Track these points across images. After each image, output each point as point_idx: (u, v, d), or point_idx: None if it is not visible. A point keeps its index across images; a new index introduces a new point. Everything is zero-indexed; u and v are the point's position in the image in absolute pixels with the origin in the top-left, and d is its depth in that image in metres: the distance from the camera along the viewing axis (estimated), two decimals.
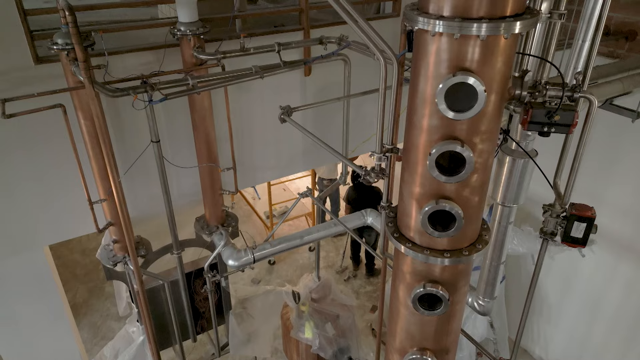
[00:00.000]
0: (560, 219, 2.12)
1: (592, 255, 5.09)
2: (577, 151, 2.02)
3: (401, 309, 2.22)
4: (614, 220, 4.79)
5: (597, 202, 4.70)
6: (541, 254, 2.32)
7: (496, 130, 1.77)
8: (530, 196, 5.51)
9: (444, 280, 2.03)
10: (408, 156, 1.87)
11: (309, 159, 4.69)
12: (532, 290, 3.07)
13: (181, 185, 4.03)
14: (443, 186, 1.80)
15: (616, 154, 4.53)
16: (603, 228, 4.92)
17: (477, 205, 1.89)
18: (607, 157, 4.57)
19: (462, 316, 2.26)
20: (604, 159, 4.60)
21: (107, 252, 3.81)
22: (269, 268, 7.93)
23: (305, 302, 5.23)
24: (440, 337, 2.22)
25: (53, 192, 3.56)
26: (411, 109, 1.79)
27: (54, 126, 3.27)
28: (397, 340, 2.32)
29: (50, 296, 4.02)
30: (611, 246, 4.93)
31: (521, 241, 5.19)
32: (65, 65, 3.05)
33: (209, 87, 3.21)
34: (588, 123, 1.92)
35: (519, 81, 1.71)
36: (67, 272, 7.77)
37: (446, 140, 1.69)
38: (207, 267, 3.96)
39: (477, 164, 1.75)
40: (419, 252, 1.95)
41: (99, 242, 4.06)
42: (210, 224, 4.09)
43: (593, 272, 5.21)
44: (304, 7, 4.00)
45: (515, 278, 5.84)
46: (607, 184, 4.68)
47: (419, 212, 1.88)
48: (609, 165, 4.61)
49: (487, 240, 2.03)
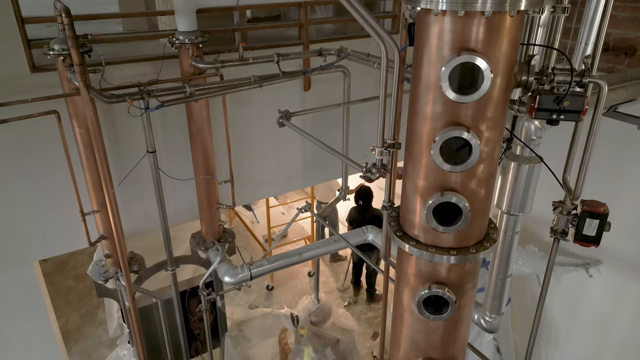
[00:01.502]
0: (572, 216, 2.02)
1: (599, 275, 4.97)
2: (588, 142, 1.95)
3: (405, 316, 2.10)
4: (620, 237, 4.67)
5: None
6: (551, 258, 2.20)
7: (502, 118, 1.69)
8: (533, 216, 5.41)
9: (450, 281, 1.92)
10: (412, 148, 1.80)
11: (308, 175, 4.62)
12: (539, 311, 2.94)
13: (177, 200, 3.94)
14: (448, 177, 1.72)
15: (621, 165, 4.43)
16: (609, 247, 4.82)
17: (484, 200, 1.80)
18: (611, 169, 4.48)
19: (469, 323, 2.13)
20: (609, 171, 4.50)
21: (99, 268, 3.68)
22: (267, 294, 7.73)
23: (304, 326, 5.05)
24: (447, 346, 2.08)
25: (44, 203, 3.47)
26: (414, 98, 1.72)
27: (46, 135, 3.22)
28: (401, 351, 2.19)
29: (39, 316, 3.86)
30: (618, 265, 4.79)
31: (526, 261, 5.07)
32: (61, 71, 3.01)
33: (207, 94, 3.17)
34: (598, 110, 1.85)
35: (525, 67, 1.65)
36: (59, 297, 7.57)
37: (451, 126, 1.61)
38: (202, 285, 3.82)
39: (483, 153, 1.67)
40: (423, 250, 1.85)
41: None
42: (207, 239, 3.98)
43: (601, 293, 5.05)
44: (304, 22, 4.01)
45: (520, 301, 5.67)
46: (612, 198, 4.57)
47: (423, 206, 1.79)
48: (613, 178, 4.50)
49: (495, 239, 1.92)
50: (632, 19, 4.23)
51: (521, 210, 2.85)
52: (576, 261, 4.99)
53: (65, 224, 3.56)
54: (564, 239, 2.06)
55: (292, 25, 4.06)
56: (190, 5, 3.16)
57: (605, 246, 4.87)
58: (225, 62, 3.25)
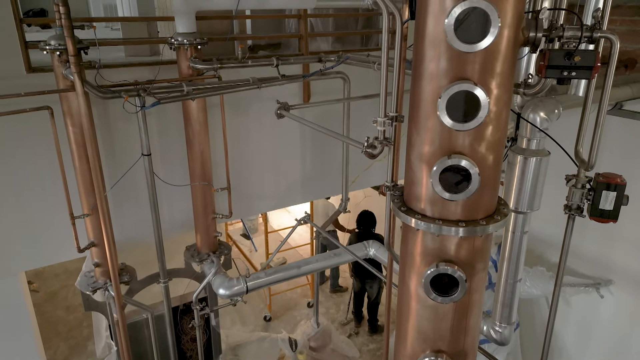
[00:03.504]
0: (586, 190, 1.90)
1: (610, 296, 4.76)
2: (602, 101, 1.85)
3: (412, 304, 1.94)
4: (630, 255, 4.51)
5: (610, 236, 4.51)
6: (566, 239, 2.05)
7: (510, 77, 1.61)
8: (541, 237, 5.26)
9: (459, 259, 1.78)
10: (416, 114, 1.70)
11: (308, 190, 4.51)
12: (548, 335, 2.76)
13: (172, 210, 3.82)
14: (455, 140, 1.62)
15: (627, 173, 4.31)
16: (619, 265, 4.64)
17: (493, 167, 1.69)
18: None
19: (480, 312, 1.97)
20: None
21: (87, 279, 3.51)
22: (265, 325, 7.44)
23: (302, 351, 4.81)
24: (457, 337, 1.92)
25: (32, 210, 3.34)
26: (418, 58, 1.65)
27: (38, 134, 3.14)
28: (407, 344, 2.01)
29: (24, 333, 3.65)
30: (629, 285, 4.60)
31: (534, 282, 4.88)
32: (57, 68, 2.97)
33: (204, 93, 3.11)
34: (611, 67, 1.77)
35: (533, 22, 1.59)
36: (49, 328, 7.29)
37: (458, 81, 1.53)
38: (196, 298, 3.64)
39: (491, 113, 1.58)
40: (430, 223, 1.72)
41: None
42: (202, 251, 3.82)
43: (613, 315, 4.83)
44: (304, 33, 4.02)
45: (529, 326, 5.43)
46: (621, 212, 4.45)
47: (429, 175, 1.68)
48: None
49: (506, 213, 1.80)
50: (631, 32, 4.25)
51: (530, 207, 2.73)
52: (586, 281, 4.80)
53: (54, 233, 3.42)
54: (580, 215, 1.94)
55: (293, 36, 4.07)
56: (190, 7, 3.16)
57: (615, 264, 4.72)
58: (224, 63, 3.22)
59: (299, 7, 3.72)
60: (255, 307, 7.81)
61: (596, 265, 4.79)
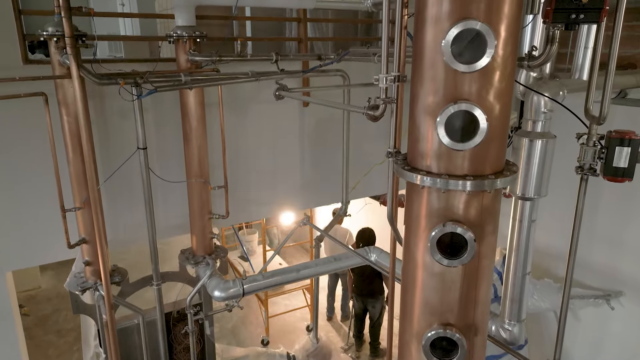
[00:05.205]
0: (599, 148, 1.81)
1: (620, 308, 4.58)
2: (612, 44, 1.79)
3: (417, 273, 1.82)
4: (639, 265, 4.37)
5: (617, 247, 4.38)
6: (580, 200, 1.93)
7: (517, 20, 1.56)
8: (547, 250, 5.12)
9: (467, 219, 1.68)
10: (420, 64, 1.64)
11: (307, 198, 4.41)
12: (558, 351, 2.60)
13: (167, 211, 3.71)
14: (461, 85, 1.55)
15: None
16: (629, 276, 4.48)
17: (500, 118, 1.61)
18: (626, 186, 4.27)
19: (490, 281, 1.84)
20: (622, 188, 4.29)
21: (77, 280, 3.36)
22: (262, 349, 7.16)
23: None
24: (467, 308, 1.78)
25: (21, 205, 3.24)
26: (421, 4, 1.60)
27: (30, 124, 3.08)
28: (414, 320, 1.87)
29: (8, 340, 3.47)
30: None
31: (542, 295, 4.71)
32: (53, 55, 2.93)
33: (202, 83, 3.06)
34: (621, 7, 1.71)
35: None
36: (39, 353, 7.04)
37: (464, 19, 1.47)
38: (190, 301, 3.48)
39: (498, 57, 1.52)
40: (436, 178, 1.63)
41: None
42: (197, 253, 3.69)
43: (625, 330, 4.63)
44: (303, 37, 4.03)
45: (538, 343, 5.20)
46: (627, 220, 4.34)
47: (434, 126, 1.60)
48: (629, 199, 4.26)
49: (515, 171, 1.71)
50: (630, 37, 4.26)
51: (537, 192, 2.64)
52: (596, 293, 4.63)
53: (45, 230, 3.30)
54: (594, 174, 1.84)
55: (292, 39, 4.07)
56: (190, 0, 3.16)
57: (625, 276, 4.56)
58: (222, 56, 3.19)
59: (299, 6, 3.73)
60: (253, 332, 7.56)
61: (605, 276, 4.64)
